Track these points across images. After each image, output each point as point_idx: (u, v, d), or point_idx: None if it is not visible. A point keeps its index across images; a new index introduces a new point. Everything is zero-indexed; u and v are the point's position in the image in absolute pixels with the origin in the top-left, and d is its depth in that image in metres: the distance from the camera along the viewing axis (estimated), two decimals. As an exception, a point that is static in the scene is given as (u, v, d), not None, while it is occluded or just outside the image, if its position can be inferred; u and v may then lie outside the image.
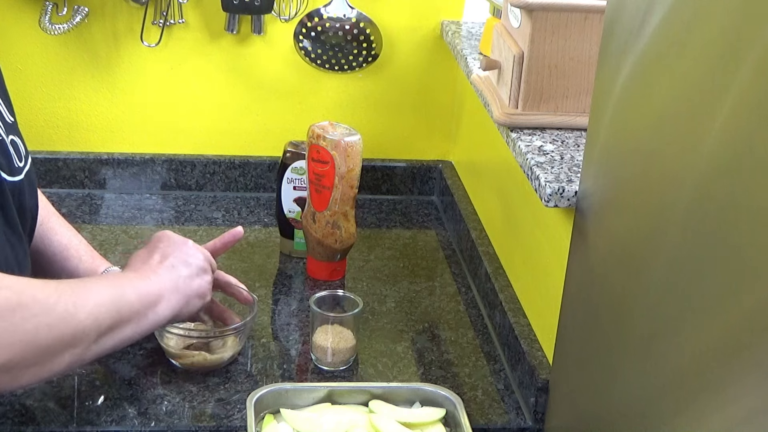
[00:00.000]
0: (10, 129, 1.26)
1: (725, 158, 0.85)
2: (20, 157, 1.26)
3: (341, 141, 1.58)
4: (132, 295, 1.24)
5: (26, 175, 1.26)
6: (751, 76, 0.81)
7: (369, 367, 1.47)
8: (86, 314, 1.16)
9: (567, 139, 1.39)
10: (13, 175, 1.22)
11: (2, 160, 1.21)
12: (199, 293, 1.33)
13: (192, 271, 1.33)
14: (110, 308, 1.19)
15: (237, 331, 1.41)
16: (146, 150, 1.96)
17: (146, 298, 1.25)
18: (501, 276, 1.61)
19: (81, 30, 1.85)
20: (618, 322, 1.08)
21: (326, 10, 1.89)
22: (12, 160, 1.23)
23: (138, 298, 1.24)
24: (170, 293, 1.29)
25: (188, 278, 1.32)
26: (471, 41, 1.79)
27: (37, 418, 1.31)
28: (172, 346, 1.40)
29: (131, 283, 1.26)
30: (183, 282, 1.31)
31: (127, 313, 1.22)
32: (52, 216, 1.46)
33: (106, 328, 1.19)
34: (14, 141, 1.26)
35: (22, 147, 1.28)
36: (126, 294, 1.23)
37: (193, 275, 1.33)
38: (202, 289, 1.34)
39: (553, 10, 1.35)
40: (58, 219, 1.47)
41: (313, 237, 1.65)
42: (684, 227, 0.93)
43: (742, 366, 0.82)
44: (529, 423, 1.38)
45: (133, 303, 1.23)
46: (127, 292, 1.23)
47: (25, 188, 1.26)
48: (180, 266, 1.32)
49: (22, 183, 1.25)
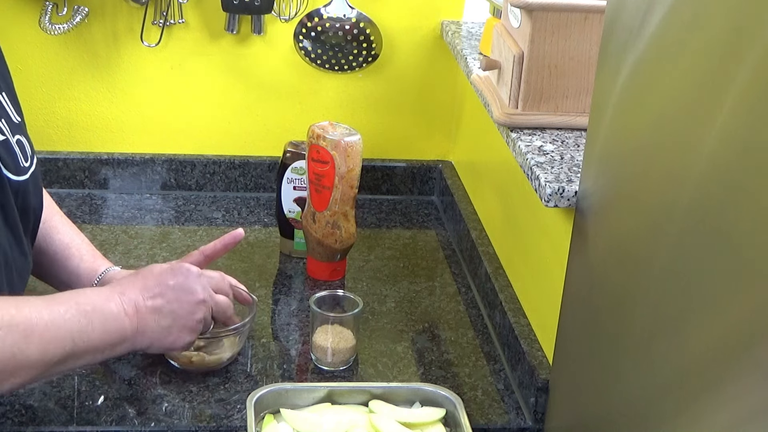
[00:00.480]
0: (16, 129, 1.26)
1: (725, 158, 0.85)
2: (26, 157, 1.26)
3: (341, 141, 1.58)
4: (95, 333, 1.20)
5: (31, 175, 1.26)
6: (751, 76, 0.81)
7: (369, 367, 1.47)
8: (36, 350, 1.14)
9: (567, 139, 1.39)
10: (18, 174, 1.22)
11: (8, 159, 1.21)
12: (171, 347, 1.29)
13: (176, 325, 1.27)
14: (65, 345, 1.17)
15: (236, 331, 1.41)
16: (146, 150, 1.96)
17: (111, 337, 1.22)
18: (501, 276, 1.61)
19: (81, 30, 1.85)
20: (618, 322, 1.08)
21: (326, 10, 1.89)
22: (18, 159, 1.23)
23: (101, 337, 1.20)
24: (140, 337, 1.24)
25: (166, 329, 1.26)
26: (471, 41, 1.79)
27: (37, 418, 1.31)
28: None
29: (103, 317, 1.21)
30: (158, 331, 1.26)
31: (82, 349, 1.19)
32: (55, 215, 1.45)
33: (56, 362, 1.17)
34: (20, 141, 1.26)
35: (28, 147, 1.27)
36: (92, 331, 1.19)
37: (174, 329, 1.27)
38: (177, 344, 1.29)
39: (553, 10, 1.35)
40: (61, 218, 1.46)
41: (313, 237, 1.65)
42: (684, 227, 0.93)
43: (742, 366, 0.82)
44: (529, 423, 1.39)
45: (93, 341, 1.20)
46: (95, 328, 1.19)
47: (29, 188, 1.25)
48: (168, 317, 1.26)
49: (27, 183, 1.24)
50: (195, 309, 1.29)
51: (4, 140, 1.22)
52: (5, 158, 1.21)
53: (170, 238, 1.80)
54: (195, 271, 1.31)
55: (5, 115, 1.25)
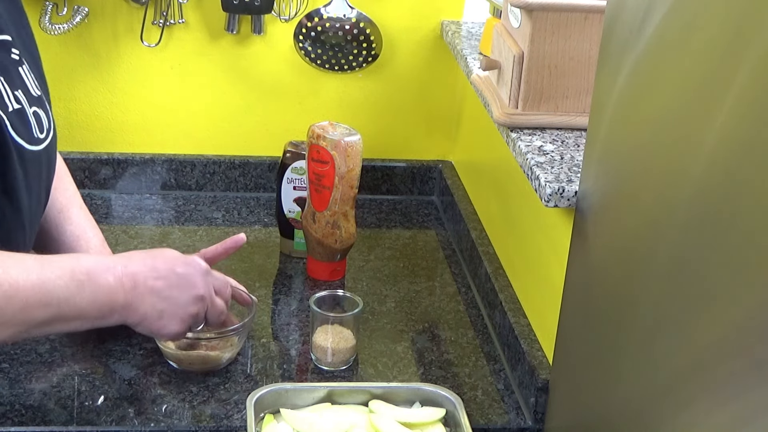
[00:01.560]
0: (34, 101, 1.29)
1: (725, 158, 0.85)
2: (41, 129, 1.28)
3: (341, 141, 1.58)
4: (84, 301, 1.19)
5: (45, 149, 1.28)
6: (751, 75, 0.81)
7: (369, 367, 1.47)
8: (18, 310, 1.14)
9: (567, 139, 1.39)
10: (31, 144, 1.25)
11: (21, 127, 1.24)
12: (158, 333, 1.29)
13: (168, 313, 1.27)
14: (50, 309, 1.16)
15: (235, 332, 1.41)
16: (146, 150, 1.96)
17: (100, 307, 1.21)
18: (501, 276, 1.61)
19: (81, 30, 1.85)
20: (618, 322, 1.08)
21: (326, 10, 1.89)
22: (32, 129, 1.26)
23: (90, 306, 1.20)
24: (131, 313, 1.24)
25: (159, 313, 1.26)
26: (471, 41, 1.79)
27: (37, 418, 1.31)
28: (170, 347, 1.40)
29: (96, 287, 1.21)
30: (151, 312, 1.25)
31: (69, 314, 1.19)
32: (73, 206, 1.47)
33: (39, 323, 1.17)
34: (37, 113, 1.28)
35: (45, 120, 1.30)
36: (81, 300, 1.19)
37: (165, 317, 1.26)
38: (163, 331, 1.28)
39: (553, 10, 1.35)
40: (78, 210, 1.48)
41: (313, 237, 1.65)
42: (684, 227, 0.93)
43: (742, 366, 0.82)
44: (529, 423, 1.39)
45: (81, 308, 1.19)
46: (84, 297, 1.19)
47: (42, 161, 1.28)
48: (164, 302, 1.26)
49: (40, 155, 1.27)
50: (192, 302, 1.29)
51: (20, 108, 1.25)
52: (18, 126, 1.23)
53: (170, 238, 1.80)
54: (204, 267, 1.32)
55: (23, 87, 1.27)
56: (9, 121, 1.22)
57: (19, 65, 1.29)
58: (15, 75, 1.27)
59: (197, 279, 1.30)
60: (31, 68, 1.32)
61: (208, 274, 1.32)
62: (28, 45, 1.34)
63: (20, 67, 1.29)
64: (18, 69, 1.29)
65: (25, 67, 1.30)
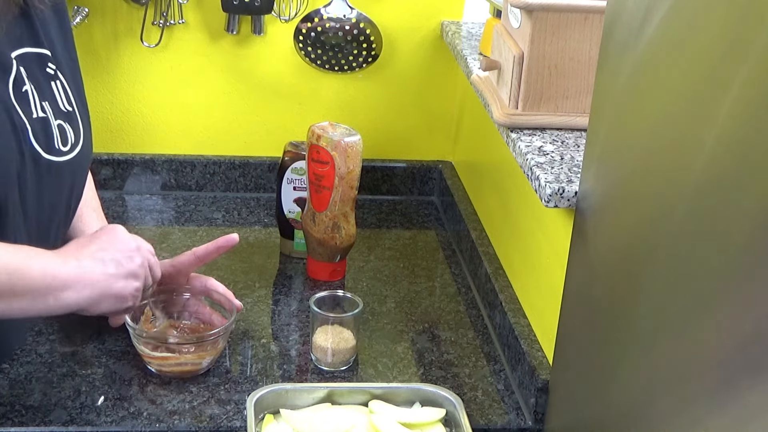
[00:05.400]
0: (60, 114, 1.30)
1: (725, 158, 0.85)
2: (65, 142, 1.30)
3: (341, 141, 1.58)
4: (36, 271, 1.21)
5: (69, 162, 1.30)
6: (751, 76, 0.81)
7: (369, 368, 1.47)
8: None
9: (567, 139, 1.39)
10: (51, 154, 1.27)
11: (41, 135, 1.26)
12: (118, 296, 1.28)
13: (119, 272, 1.28)
14: (2, 277, 1.18)
15: (214, 337, 1.40)
16: (146, 150, 1.96)
17: (52, 280, 1.22)
18: (501, 276, 1.61)
19: (81, 30, 1.85)
20: (618, 322, 1.08)
21: (326, 11, 1.89)
22: (53, 140, 1.28)
23: (41, 277, 1.21)
24: (83, 285, 1.24)
25: (112, 277, 1.27)
26: (471, 41, 1.79)
27: (37, 418, 1.31)
28: (146, 351, 1.39)
29: (43, 260, 1.22)
30: (104, 279, 1.26)
31: (21, 288, 1.20)
32: (87, 207, 1.49)
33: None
34: (62, 126, 1.30)
35: (71, 135, 1.32)
36: (30, 268, 1.20)
37: (119, 276, 1.28)
38: (124, 292, 1.29)
39: (553, 11, 1.35)
40: (92, 212, 1.50)
41: (313, 237, 1.65)
42: (684, 227, 0.93)
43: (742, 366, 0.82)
44: (529, 423, 1.39)
45: (34, 279, 1.20)
46: (34, 267, 1.20)
47: (64, 174, 1.30)
48: (109, 263, 1.27)
49: (61, 167, 1.28)
50: (133, 254, 1.31)
51: (44, 117, 1.27)
52: (38, 133, 1.25)
53: (170, 239, 1.80)
54: (120, 227, 1.34)
55: (52, 99, 1.30)
56: (31, 126, 1.24)
57: (53, 79, 1.31)
58: (46, 87, 1.29)
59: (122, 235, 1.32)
60: (69, 86, 1.34)
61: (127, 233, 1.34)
62: (69, 65, 1.37)
63: (53, 81, 1.31)
64: (51, 83, 1.31)
65: (59, 82, 1.32)
